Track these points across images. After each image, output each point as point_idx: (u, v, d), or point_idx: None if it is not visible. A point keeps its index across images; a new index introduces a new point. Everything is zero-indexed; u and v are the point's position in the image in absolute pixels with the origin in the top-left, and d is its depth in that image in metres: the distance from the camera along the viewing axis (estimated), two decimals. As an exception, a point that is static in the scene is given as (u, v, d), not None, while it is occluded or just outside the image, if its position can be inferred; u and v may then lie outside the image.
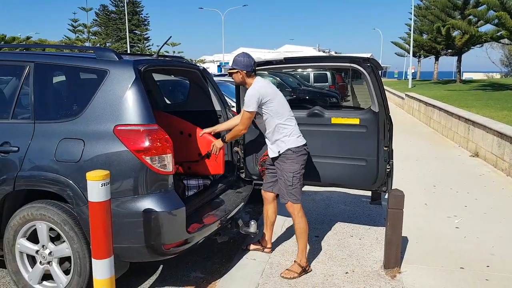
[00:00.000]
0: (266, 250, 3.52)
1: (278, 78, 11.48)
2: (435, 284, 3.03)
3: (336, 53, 53.78)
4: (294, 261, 3.18)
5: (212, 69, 48.10)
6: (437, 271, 3.23)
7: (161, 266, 3.46)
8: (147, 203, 2.54)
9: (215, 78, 7.72)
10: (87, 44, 41.87)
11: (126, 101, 2.60)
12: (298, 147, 3.03)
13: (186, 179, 3.54)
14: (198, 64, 4.11)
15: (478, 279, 3.11)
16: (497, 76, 51.42)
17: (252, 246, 3.57)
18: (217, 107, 3.86)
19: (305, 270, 3.14)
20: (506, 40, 21.42)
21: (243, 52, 3.16)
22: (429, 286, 3.01)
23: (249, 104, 3.00)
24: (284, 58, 3.67)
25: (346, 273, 3.20)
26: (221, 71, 41.21)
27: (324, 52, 52.37)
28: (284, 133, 3.05)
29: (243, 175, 3.83)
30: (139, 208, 2.53)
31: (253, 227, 3.37)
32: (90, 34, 44.31)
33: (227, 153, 3.68)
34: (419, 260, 3.40)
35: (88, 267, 2.61)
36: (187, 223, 2.71)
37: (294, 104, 3.42)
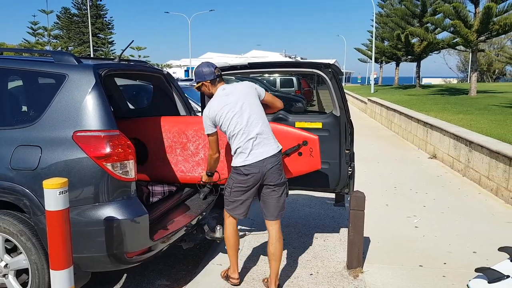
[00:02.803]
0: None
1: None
2: (395, 282, 3.14)
3: (302, 58, 54.66)
4: (229, 267, 3.14)
5: (179, 73, 47.64)
6: (397, 269, 3.35)
7: (125, 275, 3.39)
8: (109, 211, 2.48)
9: (181, 83, 7.68)
10: (47, 47, 40.33)
11: (86, 106, 2.54)
12: (235, 167, 2.88)
13: (150, 185, 3.49)
14: (163, 69, 4.07)
15: (436, 276, 3.25)
16: (454, 81, 54.08)
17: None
18: (182, 112, 3.83)
19: (227, 278, 3.14)
20: (461, 47, 22.54)
21: (202, 62, 3.05)
22: (389, 284, 3.11)
23: (205, 127, 2.93)
24: (248, 63, 3.71)
25: (311, 274, 3.25)
26: (188, 76, 40.90)
27: (290, 57, 53.13)
28: (233, 151, 2.93)
29: None
30: (100, 216, 2.47)
31: (219, 232, 3.35)
32: (51, 37, 42.57)
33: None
34: (380, 260, 3.51)
35: (47, 279, 2.52)
36: (151, 230, 2.67)
37: None
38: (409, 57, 31.73)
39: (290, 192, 5.08)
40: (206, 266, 3.39)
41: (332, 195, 4.66)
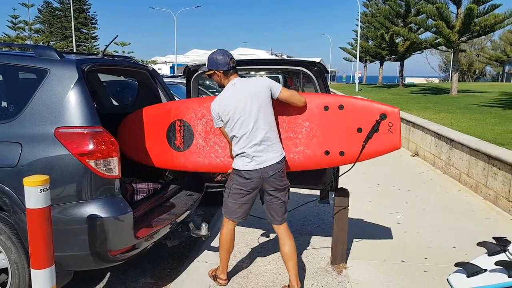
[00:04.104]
0: None
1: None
2: (378, 277, 3.19)
3: (288, 56, 54.79)
4: (218, 267, 3.11)
5: (165, 70, 47.16)
6: (380, 265, 3.40)
7: (109, 273, 3.35)
8: (92, 209, 2.45)
9: (167, 80, 7.61)
10: (28, 42, 39.40)
11: (68, 102, 2.50)
12: (236, 169, 2.76)
13: (135, 183, 3.46)
14: (148, 65, 4.02)
15: (417, 270, 3.32)
16: (436, 80, 55.10)
17: None
18: (167, 109, 3.79)
19: (214, 277, 3.10)
20: (443, 47, 22.91)
21: (218, 49, 2.79)
22: (372, 279, 3.16)
23: (214, 121, 2.81)
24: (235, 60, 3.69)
25: (296, 271, 3.27)
26: (173, 73, 40.50)
27: (276, 55, 53.18)
28: (234, 151, 2.79)
29: None
30: (83, 214, 2.44)
31: (204, 230, 3.33)
32: (32, 31, 41.65)
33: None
34: (363, 255, 3.56)
35: (28, 279, 2.47)
36: (135, 228, 2.64)
37: None
38: (393, 56, 32.22)
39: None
40: (191, 264, 3.38)
41: (317, 192, 4.70)
